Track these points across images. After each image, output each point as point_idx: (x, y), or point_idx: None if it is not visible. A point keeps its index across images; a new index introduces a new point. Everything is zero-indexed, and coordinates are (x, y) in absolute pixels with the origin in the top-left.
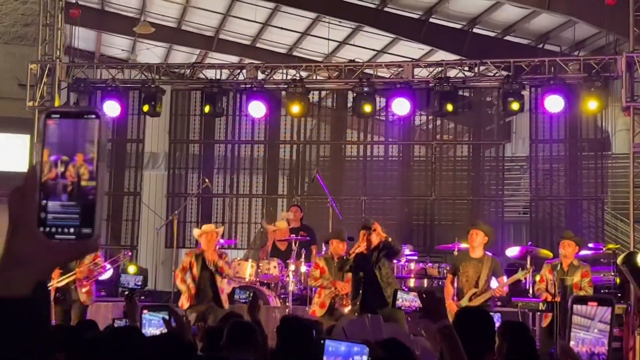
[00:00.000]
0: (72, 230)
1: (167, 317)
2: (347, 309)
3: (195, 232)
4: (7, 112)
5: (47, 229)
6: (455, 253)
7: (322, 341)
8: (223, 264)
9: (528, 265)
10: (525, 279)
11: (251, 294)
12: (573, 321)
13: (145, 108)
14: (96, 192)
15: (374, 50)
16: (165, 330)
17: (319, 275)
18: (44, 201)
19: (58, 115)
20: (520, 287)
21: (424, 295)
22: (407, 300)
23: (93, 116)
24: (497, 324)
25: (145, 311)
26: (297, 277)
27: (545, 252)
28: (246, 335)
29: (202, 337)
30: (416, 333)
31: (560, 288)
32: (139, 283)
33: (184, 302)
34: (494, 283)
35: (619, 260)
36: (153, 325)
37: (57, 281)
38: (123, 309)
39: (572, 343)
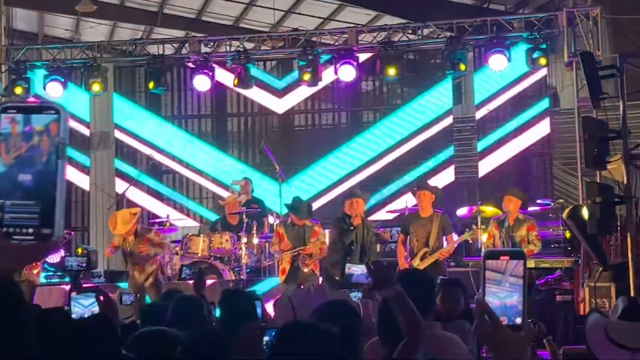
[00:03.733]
0: (30, 230)
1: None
2: (306, 269)
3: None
4: None
5: (5, 229)
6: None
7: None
8: (142, 246)
9: (474, 226)
10: (473, 239)
11: (196, 270)
12: (486, 276)
13: (94, 87)
14: (55, 190)
15: (320, 18)
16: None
17: (277, 242)
18: (1, 200)
19: (15, 110)
20: (475, 247)
21: (372, 265)
22: (354, 269)
23: (52, 112)
24: None
25: (74, 293)
26: (250, 249)
27: (488, 210)
28: (192, 310)
29: (137, 314)
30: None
31: (509, 244)
32: (83, 264)
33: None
34: (445, 243)
35: (565, 214)
36: (82, 307)
37: None
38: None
39: (486, 298)
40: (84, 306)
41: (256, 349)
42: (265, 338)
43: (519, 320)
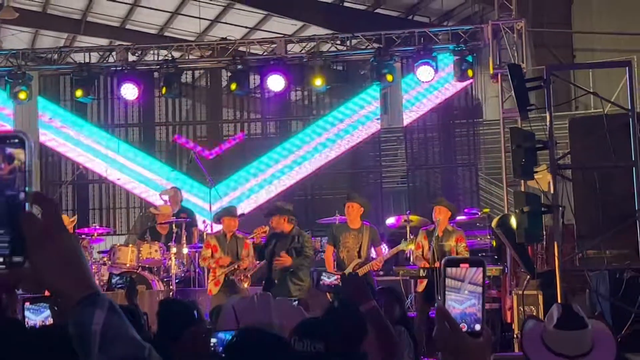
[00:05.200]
0: (1, 259)
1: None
2: (245, 284)
3: None
4: None
5: None
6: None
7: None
8: None
9: (412, 236)
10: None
11: (128, 279)
12: (446, 284)
13: (20, 95)
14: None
15: (246, 27)
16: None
17: (209, 255)
18: None
19: None
20: (403, 256)
21: (348, 278)
22: (329, 280)
23: (16, 140)
24: None
25: (27, 303)
26: (180, 259)
27: (416, 219)
28: (133, 320)
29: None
30: None
31: (439, 254)
32: None
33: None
34: (374, 254)
35: (494, 223)
36: (36, 315)
37: None
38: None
39: (446, 304)
40: (36, 316)
41: (203, 350)
42: (214, 340)
43: (478, 327)
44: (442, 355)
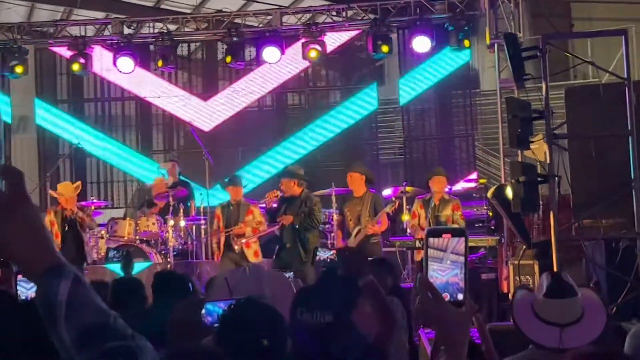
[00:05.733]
0: None
1: None
2: (236, 246)
3: (52, 193)
4: None
5: None
6: (333, 198)
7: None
8: (83, 215)
9: (394, 199)
10: (393, 212)
11: (124, 252)
12: (429, 254)
13: (16, 69)
14: None
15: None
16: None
17: (216, 227)
18: None
19: None
20: (400, 227)
21: (346, 253)
22: (325, 255)
23: None
24: None
25: (20, 276)
26: (177, 232)
27: (411, 189)
28: (134, 291)
29: None
30: None
31: (435, 224)
32: None
33: None
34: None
35: (489, 193)
36: (28, 287)
37: None
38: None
39: (429, 274)
40: (28, 288)
41: (194, 324)
42: (204, 312)
43: (460, 297)
44: (425, 323)
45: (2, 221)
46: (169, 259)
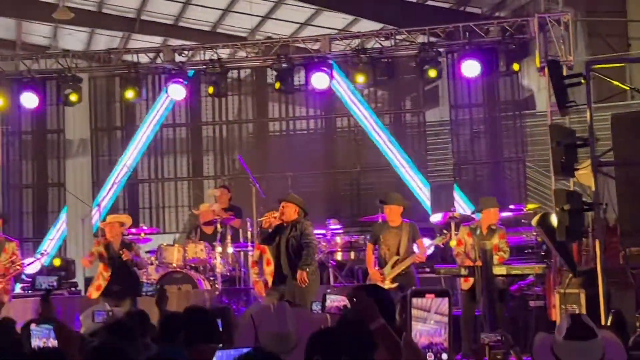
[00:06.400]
0: None
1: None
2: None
3: (100, 224)
4: None
5: None
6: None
7: None
8: (129, 256)
9: (445, 231)
10: (444, 244)
11: (158, 287)
12: (412, 314)
13: (71, 97)
14: None
15: (297, 23)
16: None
17: (257, 257)
18: None
19: None
20: (446, 254)
21: (354, 298)
22: (336, 301)
23: None
24: None
25: (33, 325)
26: (225, 258)
27: (459, 215)
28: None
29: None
30: None
31: (480, 252)
32: (53, 283)
33: (92, 292)
34: (416, 249)
35: (534, 221)
36: (39, 337)
37: None
38: (38, 310)
39: (413, 335)
40: (42, 336)
41: None
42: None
43: (445, 357)
44: None
45: None
46: (217, 286)
